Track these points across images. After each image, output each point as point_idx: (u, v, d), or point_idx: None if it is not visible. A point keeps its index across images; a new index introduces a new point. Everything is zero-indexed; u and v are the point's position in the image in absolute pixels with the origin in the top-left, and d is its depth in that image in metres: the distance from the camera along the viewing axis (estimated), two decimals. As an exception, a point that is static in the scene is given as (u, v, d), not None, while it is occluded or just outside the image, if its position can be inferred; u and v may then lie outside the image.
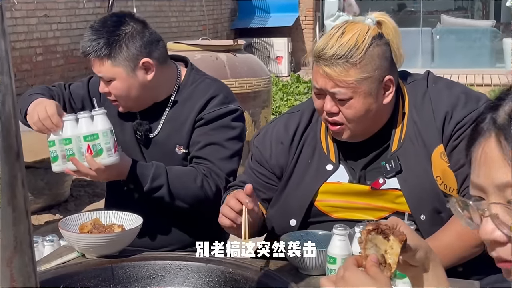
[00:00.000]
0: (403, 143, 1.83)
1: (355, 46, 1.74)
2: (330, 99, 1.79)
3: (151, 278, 1.76)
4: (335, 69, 1.74)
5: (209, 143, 2.18)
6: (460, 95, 1.83)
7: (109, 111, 2.28)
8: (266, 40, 12.35)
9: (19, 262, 0.98)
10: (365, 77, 1.75)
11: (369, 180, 1.85)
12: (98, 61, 2.16)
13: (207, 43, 5.26)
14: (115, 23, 2.16)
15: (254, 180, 1.97)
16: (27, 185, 1.02)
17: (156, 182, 2.11)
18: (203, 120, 2.19)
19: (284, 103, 9.19)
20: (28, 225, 1.00)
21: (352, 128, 1.81)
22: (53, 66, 7.60)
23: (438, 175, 1.79)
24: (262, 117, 5.17)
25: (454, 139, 1.79)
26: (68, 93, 2.38)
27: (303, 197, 1.88)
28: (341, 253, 1.57)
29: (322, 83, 1.78)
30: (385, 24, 1.84)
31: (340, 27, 1.79)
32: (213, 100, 2.20)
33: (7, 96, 0.95)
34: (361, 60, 1.74)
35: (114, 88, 2.19)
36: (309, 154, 1.92)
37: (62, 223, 1.86)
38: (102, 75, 2.17)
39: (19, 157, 0.98)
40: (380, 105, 1.80)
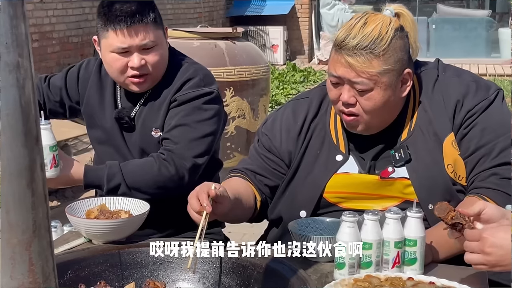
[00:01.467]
0: (413, 132, 1.84)
1: (379, 38, 1.74)
2: (348, 89, 1.78)
3: (159, 264, 1.76)
4: (358, 59, 1.73)
5: (179, 125, 2.16)
6: (470, 83, 1.84)
7: (89, 100, 2.29)
8: (262, 28, 12.33)
9: (38, 246, 0.98)
10: (388, 69, 1.75)
11: (378, 169, 1.85)
12: (142, 28, 2.11)
13: (205, 30, 5.25)
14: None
15: (260, 165, 1.98)
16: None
17: (112, 182, 2.10)
18: (176, 101, 2.18)
19: (280, 91, 9.19)
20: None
21: (368, 120, 1.80)
22: (49, 52, 7.56)
23: (449, 163, 1.80)
24: (261, 105, 5.16)
25: (464, 127, 1.80)
26: (47, 86, 2.36)
27: (313, 189, 1.88)
28: (350, 239, 1.57)
29: (342, 72, 1.76)
30: (403, 17, 1.84)
31: (361, 17, 1.78)
32: (188, 82, 2.19)
33: (27, 80, 0.95)
34: (385, 52, 1.74)
35: (156, 55, 2.15)
36: (318, 144, 1.92)
37: (69, 208, 1.86)
38: (145, 42, 2.12)
39: (38, 141, 0.98)
40: (397, 97, 1.81)
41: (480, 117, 1.80)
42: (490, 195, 1.74)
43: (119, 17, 2.09)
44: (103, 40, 2.16)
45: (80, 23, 8.09)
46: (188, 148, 2.14)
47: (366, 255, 1.58)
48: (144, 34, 2.11)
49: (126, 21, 2.09)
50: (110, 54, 2.14)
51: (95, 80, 2.31)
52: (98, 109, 2.29)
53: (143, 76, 2.16)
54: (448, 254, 1.71)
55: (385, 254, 1.59)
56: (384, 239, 1.59)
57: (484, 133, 1.79)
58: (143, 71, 2.14)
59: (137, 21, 2.09)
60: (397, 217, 1.59)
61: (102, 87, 2.30)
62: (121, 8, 2.09)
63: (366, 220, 1.59)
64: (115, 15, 2.09)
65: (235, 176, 1.99)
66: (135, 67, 2.13)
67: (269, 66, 5.40)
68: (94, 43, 2.25)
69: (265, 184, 1.97)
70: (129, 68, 2.14)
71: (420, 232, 1.60)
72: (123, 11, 2.09)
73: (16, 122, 0.95)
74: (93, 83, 2.31)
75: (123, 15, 2.09)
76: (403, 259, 1.60)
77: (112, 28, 2.10)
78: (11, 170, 0.96)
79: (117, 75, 2.17)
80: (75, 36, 8.00)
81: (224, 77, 4.88)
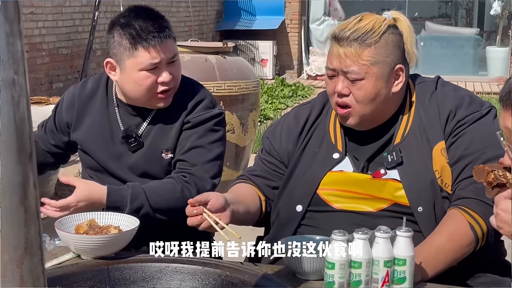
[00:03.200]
0: (407, 137, 1.90)
1: (372, 30, 1.84)
2: (342, 80, 1.87)
3: (147, 280, 1.76)
4: (350, 49, 1.83)
5: (194, 147, 2.19)
6: (465, 97, 1.91)
7: (92, 124, 2.27)
8: (252, 42, 12.36)
9: (29, 263, 0.98)
10: (378, 60, 1.84)
11: (371, 171, 1.91)
12: (170, 42, 2.15)
13: (196, 44, 5.25)
14: (149, 8, 2.23)
15: (262, 168, 2.07)
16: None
17: (136, 203, 2.10)
18: (190, 123, 2.21)
19: (269, 106, 9.20)
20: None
21: (360, 111, 1.87)
22: (39, 64, 7.54)
23: (436, 169, 1.85)
24: (250, 120, 5.17)
25: (453, 135, 1.86)
26: (44, 134, 2.41)
27: (309, 183, 1.94)
28: (339, 258, 1.58)
29: (336, 63, 1.86)
30: (400, 21, 1.93)
31: (358, 16, 1.90)
32: (200, 104, 2.22)
33: (22, 97, 0.96)
34: (376, 43, 1.84)
35: (178, 66, 2.20)
36: (317, 143, 1.99)
37: (58, 223, 1.85)
38: (172, 55, 2.16)
39: (31, 158, 0.98)
40: (389, 92, 1.88)
41: (470, 127, 1.86)
42: (470, 205, 1.77)
43: (152, 33, 2.11)
44: (130, 60, 2.14)
45: (70, 34, 8.08)
46: (206, 170, 2.18)
47: (356, 274, 1.59)
48: (172, 48, 2.16)
49: (160, 36, 2.12)
50: (140, 73, 2.14)
51: (96, 104, 2.31)
52: (108, 132, 2.27)
53: (169, 91, 2.19)
54: (436, 271, 1.73)
55: (374, 273, 1.60)
56: (374, 258, 1.59)
57: (472, 142, 1.83)
58: (171, 85, 2.19)
59: (167, 36, 2.14)
60: (387, 236, 1.60)
61: (104, 110, 2.30)
62: (147, 27, 2.12)
63: (356, 239, 1.59)
64: (147, 32, 2.11)
65: (238, 183, 2.08)
66: (166, 82, 2.15)
67: (259, 81, 5.41)
68: (105, 66, 2.22)
69: (267, 185, 2.06)
70: (159, 84, 2.16)
71: (409, 251, 1.60)
72: (152, 29, 2.12)
73: (10, 138, 0.96)
74: (94, 107, 2.31)
75: (155, 31, 2.12)
76: (393, 278, 1.60)
77: (144, 45, 2.11)
78: (4, 187, 0.96)
79: (146, 93, 2.17)
80: (65, 47, 7.99)
81: (214, 92, 4.88)
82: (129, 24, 2.14)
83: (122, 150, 2.25)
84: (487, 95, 10.63)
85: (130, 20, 2.15)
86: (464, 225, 1.75)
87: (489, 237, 1.77)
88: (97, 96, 2.30)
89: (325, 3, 12.71)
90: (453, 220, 1.77)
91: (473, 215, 1.76)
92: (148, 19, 2.14)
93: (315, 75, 12.36)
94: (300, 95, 10.39)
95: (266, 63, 12.32)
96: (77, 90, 2.37)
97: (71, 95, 2.36)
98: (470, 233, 1.75)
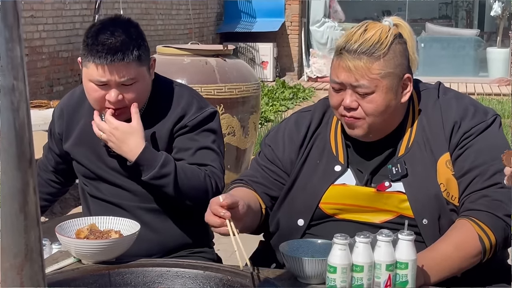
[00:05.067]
0: (411, 148, 1.87)
1: (379, 42, 1.79)
2: (350, 94, 1.81)
3: (148, 285, 1.75)
4: (359, 62, 1.78)
5: (199, 148, 2.18)
6: (469, 107, 1.88)
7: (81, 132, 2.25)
8: (252, 45, 12.37)
9: (30, 270, 0.98)
10: (388, 72, 1.80)
11: (375, 183, 1.87)
12: (123, 66, 2.06)
13: (196, 47, 5.25)
14: (126, 23, 2.13)
15: (263, 176, 2.00)
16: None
17: (165, 169, 2.08)
18: (188, 127, 2.18)
19: (270, 108, 9.20)
20: (39, 232, 0.99)
21: (370, 122, 1.83)
22: (39, 67, 7.54)
23: (442, 182, 1.82)
24: (251, 122, 5.17)
25: (459, 147, 1.83)
26: (50, 157, 2.41)
27: (310, 197, 1.90)
28: (341, 262, 1.57)
29: (344, 77, 1.80)
30: (401, 27, 1.88)
31: (362, 25, 1.84)
32: (190, 108, 2.20)
33: (22, 103, 0.95)
34: (385, 55, 1.79)
35: (135, 91, 2.11)
36: (317, 154, 1.95)
37: (58, 228, 1.85)
38: (125, 79, 2.07)
39: (31, 164, 0.97)
40: (398, 103, 1.84)
41: (476, 138, 1.83)
42: (481, 217, 1.75)
43: (100, 53, 2.04)
44: (84, 68, 2.12)
45: (70, 38, 8.08)
46: (217, 167, 2.18)
47: (358, 278, 1.58)
48: (124, 72, 2.06)
49: (106, 57, 2.03)
50: (89, 83, 2.11)
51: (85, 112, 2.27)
52: (89, 140, 2.23)
53: (119, 110, 2.12)
54: (439, 277, 1.72)
55: (376, 277, 1.59)
56: (376, 261, 1.59)
57: (479, 154, 1.80)
58: (119, 105, 2.11)
59: (118, 60, 2.04)
60: (389, 240, 1.59)
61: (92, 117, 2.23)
62: (104, 42, 2.04)
63: (358, 242, 1.59)
64: (96, 50, 2.04)
65: (238, 187, 2.00)
66: (111, 102, 2.09)
67: (259, 84, 5.41)
68: (79, 64, 2.20)
69: (267, 194, 1.99)
70: (106, 100, 2.10)
71: (411, 255, 1.60)
72: (106, 47, 2.04)
73: (10, 145, 0.95)
74: (82, 115, 2.28)
75: (104, 51, 2.03)
76: (395, 282, 1.60)
77: (93, 60, 2.06)
78: (4, 193, 0.96)
79: (94, 103, 2.15)
80: (65, 51, 7.99)
81: (215, 94, 4.88)
82: (94, 32, 2.09)
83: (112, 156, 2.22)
84: (488, 96, 10.63)
85: (97, 30, 2.09)
86: (472, 236, 1.73)
87: (497, 249, 1.76)
88: (86, 102, 2.24)
89: (325, 5, 12.73)
90: (461, 229, 1.75)
91: (482, 227, 1.73)
92: (112, 36, 2.06)
93: (315, 77, 12.36)
94: (300, 97, 10.39)
95: (267, 65, 12.32)
96: (65, 99, 2.35)
97: (60, 106, 2.35)
98: (478, 244, 1.73)
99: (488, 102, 9.88)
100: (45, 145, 2.46)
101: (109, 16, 2.21)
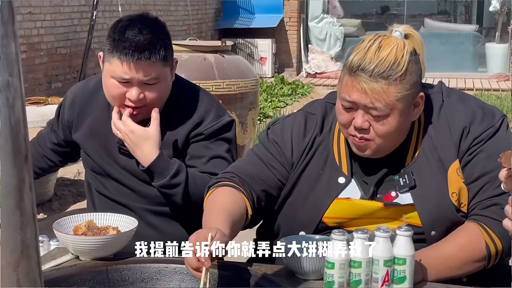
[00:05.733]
0: (418, 158, 1.81)
1: (395, 62, 1.70)
2: (362, 114, 1.74)
3: (147, 281, 1.75)
4: (375, 85, 1.69)
5: (213, 157, 2.17)
6: (476, 110, 1.82)
7: (92, 126, 2.23)
8: (250, 41, 12.35)
9: (26, 266, 0.97)
10: (404, 95, 1.71)
11: (380, 193, 1.83)
12: (148, 65, 2.03)
13: (194, 43, 5.24)
14: (154, 22, 2.10)
15: (266, 174, 1.89)
16: (34, 189, 1.01)
17: (176, 179, 2.07)
18: (203, 135, 2.17)
19: (269, 104, 9.20)
20: (35, 229, 0.99)
21: (380, 144, 1.77)
22: (37, 64, 7.54)
23: (454, 191, 1.77)
24: (249, 118, 5.16)
25: (469, 153, 1.78)
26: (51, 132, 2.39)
27: (313, 211, 1.84)
28: (339, 258, 1.57)
29: (357, 97, 1.72)
30: (412, 38, 1.80)
31: (374, 40, 1.73)
32: (208, 115, 2.18)
33: (17, 99, 0.95)
34: (402, 78, 1.70)
35: (157, 90, 2.08)
36: (320, 164, 1.87)
37: (56, 224, 1.84)
38: (148, 78, 2.05)
39: (27, 161, 0.97)
40: (409, 121, 1.79)
41: (486, 144, 1.78)
42: (490, 225, 1.73)
43: (127, 50, 2.01)
44: (107, 63, 2.08)
45: (68, 34, 8.08)
46: None
47: (356, 274, 1.58)
48: (149, 71, 2.04)
49: (133, 55, 2.01)
50: (111, 80, 2.08)
51: (98, 104, 2.26)
52: (102, 137, 2.23)
53: (139, 108, 2.10)
54: (439, 276, 1.71)
55: (374, 273, 1.59)
56: (374, 257, 1.58)
57: (489, 160, 1.76)
58: (139, 104, 2.09)
59: (145, 58, 2.02)
60: (387, 236, 1.59)
61: (105, 109, 2.24)
62: (132, 39, 2.02)
63: (355, 238, 1.59)
64: (123, 46, 2.01)
65: (225, 186, 1.85)
66: (132, 100, 2.07)
67: (258, 80, 5.40)
68: (99, 59, 2.17)
69: (266, 191, 1.88)
70: (127, 98, 2.08)
71: (409, 250, 1.60)
72: (133, 44, 2.01)
73: (6, 141, 0.95)
74: (96, 106, 2.27)
75: (132, 48, 2.01)
76: (392, 278, 1.59)
77: (118, 56, 2.03)
78: (0, 190, 0.95)
79: (112, 100, 2.12)
80: (63, 47, 7.98)
81: (213, 90, 4.88)
82: (122, 28, 2.05)
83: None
84: (487, 92, 10.63)
85: (125, 26, 2.06)
86: (479, 240, 1.72)
87: (503, 257, 1.74)
88: (99, 95, 2.23)
89: (324, 1, 12.73)
90: (468, 232, 1.73)
91: (490, 233, 1.72)
92: (140, 33, 2.03)
93: (314, 73, 12.35)
94: (299, 93, 10.38)
95: (265, 61, 12.31)
96: (79, 88, 2.33)
97: (73, 94, 2.32)
98: (483, 250, 1.71)
99: (487, 97, 9.88)
100: (49, 121, 2.42)
101: (137, 13, 2.18)
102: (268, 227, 1.95)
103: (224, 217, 1.70)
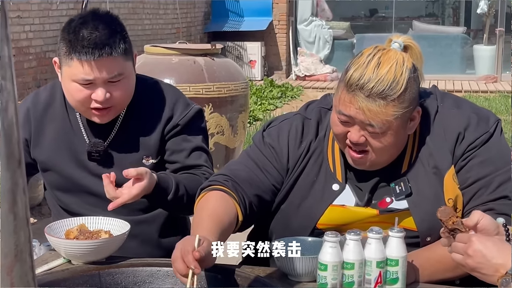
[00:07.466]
0: (414, 165, 1.81)
1: (394, 81, 1.67)
2: (358, 130, 1.73)
3: (139, 285, 1.75)
4: (373, 105, 1.67)
5: (193, 149, 2.14)
6: (471, 115, 1.81)
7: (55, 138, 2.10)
8: (240, 44, 12.35)
9: (20, 270, 0.97)
10: (402, 113, 1.70)
11: (375, 199, 1.82)
12: (111, 61, 1.94)
13: (184, 46, 5.24)
14: (107, 17, 2.01)
15: (261, 178, 1.86)
16: (27, 193, 1.01)
17: (179, 192, 2.01)
18: (179, 126, 2.12)
19: (259, 107, 9.20)
20: (29, 233, 0.99)
21: (378, 157, 1.77)
22: (26, 68, 7.51)
23: (450, 198, 1.78)
24: (240, 121, 5.17)
25: (463, 159, 1.78)
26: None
27: (307, 217, 1.83)
28: (332, 260, 1.57)
29: (354, 113, 1.70)
30: (411, 49, 1.77)
31: (373, 55, 1.70)
32: (177, 106, 2.13)
33: (10, 103, 0.94)
34: (400, 97, 1.68)
35: (122, 88, 2.00)
36: (315, 170, 1.85)
37: (48, 228, 1.84)
38: (113, 75, 1.96)
39: (20, 164, 0.97)
40: (406, 135, 1.78)
41: (480, 149, 1.78)
42: None
43: (86, 48, 1.91)
44: (65, 67, 1.97)
45: (57, 38, 7.95)
46: (209, 168, 2.15)
47: (348, 275, 1.58)
48: (112, 67, 1.95)
49: (93, 53, 1.91)
50: (72, 84, 1.97)
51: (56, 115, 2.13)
52: (67, 144, 2.11)
53: (106, 109, 2.01)
54: (432, 278, 1.71)
55: (367, 274, 1.59)
56: (366, 259, 1.59)
57: (483, 165, 1.76)
58: (107, 104, 1.99)
59: (106, 54, 1.92)
60: (379, 237, 1.59)
61: (65, 119, 2.13)
62: (89, 37, 1.92)
63: (348, 240, 1.59)
64: (81, 45, 1.92)
65: (217, 190, 1.81)
66: (99, 101, 1.97)
67: (248, 83, 5.41)
68: (54, 65, 2.06)
69: (259, 195, 1.84)
70: (93, 100, 1.98)
71: (402, 251, 1.60)
72: (91, 42, 1.91)
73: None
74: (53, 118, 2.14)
75: (91, 46, 1.91)
76: (385, 279, 1.60)
77: (78, 58, 1.92)
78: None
79: (78, 105, 2.02)
80: (52, 51, 7.94)
81: (203, 94, 4.88)
82: (75, 27, 1.95)
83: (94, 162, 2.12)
84: (475, 94, 10.68)
85: (79, 25, 1.95)
86: None
87: None
88: (55, 105, 2.13)
89: (313, 4, 12.74)
90: None
91: None
92: (96, 30, 1.93)
93: (303, 76, 12.36)
94: (289, 95, 10.39)
95: (255, 64, 12.31)
96: (29, 102, 2.17)
97: (25, 110, 2.14)
98: None
99: (475, 99, 9.92)
100: None
101: (88, 11, 2.09)
102: (261, 232, 1.94)
103: (213, 225, 1.68)
